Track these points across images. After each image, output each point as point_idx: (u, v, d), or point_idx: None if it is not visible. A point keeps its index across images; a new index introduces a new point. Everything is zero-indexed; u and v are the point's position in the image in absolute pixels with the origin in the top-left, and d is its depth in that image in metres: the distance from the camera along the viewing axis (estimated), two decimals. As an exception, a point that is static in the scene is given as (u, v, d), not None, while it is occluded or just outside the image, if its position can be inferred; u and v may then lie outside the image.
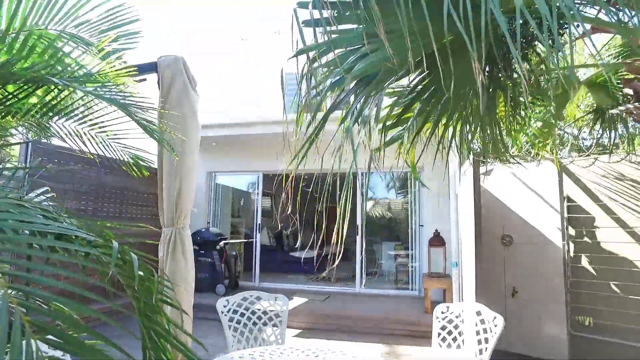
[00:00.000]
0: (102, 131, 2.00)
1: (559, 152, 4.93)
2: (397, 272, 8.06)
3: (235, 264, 7.84)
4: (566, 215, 4.49)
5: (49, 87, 1.58)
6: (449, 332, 2.99)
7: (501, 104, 2.29)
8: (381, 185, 9.54)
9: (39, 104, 1.68)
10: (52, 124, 1.83)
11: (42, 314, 0.80)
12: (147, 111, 1.67)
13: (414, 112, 2.07)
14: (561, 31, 2.10)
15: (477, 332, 2.83)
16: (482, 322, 2.85)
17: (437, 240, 6.35)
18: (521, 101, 2.34)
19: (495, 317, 2.79)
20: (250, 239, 8.65)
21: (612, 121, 3.56)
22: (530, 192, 4.83)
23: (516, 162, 4.30)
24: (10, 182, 1.90)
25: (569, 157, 4.74)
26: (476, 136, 2.39)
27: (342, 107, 2.06)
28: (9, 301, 0.69)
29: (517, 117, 2.38)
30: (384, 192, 10.03)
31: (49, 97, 1.70)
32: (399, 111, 2.15)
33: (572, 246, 4.45)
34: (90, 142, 1.99)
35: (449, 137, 2.29)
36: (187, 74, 2.65)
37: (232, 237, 8.89)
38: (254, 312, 3.12)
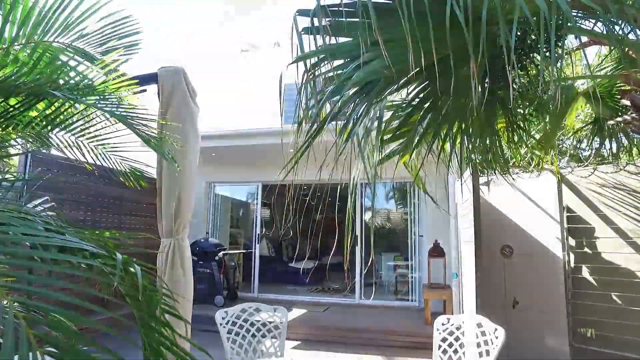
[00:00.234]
0: (101, 143, 2.00)
1: (558, 162, 4.93)
2: (396, 282, 8.02)
3: (234, 275, 7.79)
4: (566, 225, 4.48)
5: (50, 100, 1.58)
6: (450, 344, 2.96)
7: (501, 116, 2.30)
8: (380, 195, 9.53)
9: (39, 117, 1.68)
10: (52, 136, 1.84)
11: (44, 325, 0.80)
12: (147, 124, 1.68)
13: (414, 124, 2.08)
14: (559, 43, 2.12)
15: (478, 344, 2.81)
16: (483, 334, 2.83)
17: (437, 251, 6.33)
18: (520, 113, 2.35)
19: (496, 329, 2.77)
20: (249, 250, 8.61)
21: (612, 132, 3.57)
22: (529, 203, 4.83)
23: (516, 174, 4.31)
24: (9, 192, 1.90)
25: (568, 167, 4.75)
26: (476, 147, 2.39)
27: (341, 117, 2.06)
28: (14, 314, 0.70)
29: (516, 130, 2.38)
30: (384, 203, 10.01)
31: (50, 110, 1.71)
32: (399, 122, 2.15)
33: (572, 257, 4.43)
34: (89, 153, 1.99)
35: (449, 148, 2.30)
36: (187, 85, 2.66)
37: (231, 248, 8.85)
38: (253, 324, 3.09)
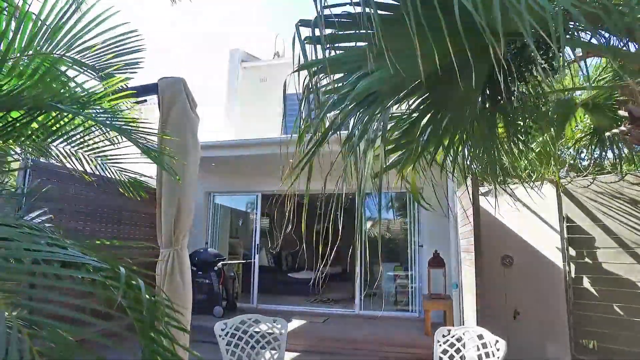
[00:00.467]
0: (100, 155, 2.01)
1: (558, 172, 4.94)
2: (396, 293, 7.96)
3: (233, 285, 7.74)
4: (566, 235, 4.47)
5: (51, 113, 1.59)
6: (451, 357, 2.93)
7: (501, 127, 2.31)
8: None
9: (40, 129, 1.69)
10: (52, 147, 1.84)
11: (44, 339, 0.79)
12: (147, 134, 1.68)
13: (415, 135, 2.09)
14: (558, 55, 2.14)
15: (480, 357, 2.78)
16: (485, 345, 2.81)
17: (437, 261, 6.30)
18: (520, 124, 2.36)
19: (497, 341, 2.75)
20: (248, 260, 8.57)
21: (612, 142, 3.59)
22: (529, 212, 4.83)
23: (516, 183, 4.31)
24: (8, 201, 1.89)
25: (567, 177, 4.75)
26: (476, 157, 2.40)
27: (343, 128, 2.07)
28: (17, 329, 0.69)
29: (516, 141, 2.39)
30: (383, 213, 9.96)
31: (51, 123, 1.71)
32: (400, 134, 2.16)
33: (572, 267, 4.42)
34: (89, 164, 1.99)
35: (450, 159, 2.30)
36: (187, 95, 2.66)
37: (230, 258, 8.80)
38: (252, 336, 3.06)
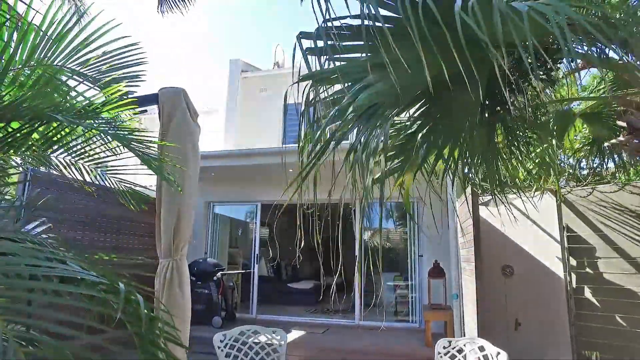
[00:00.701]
0: (100, 165, 2.01)
1: (557, 181, 4.94)
2: (396, 303, 7.90)
3: (232, 295, 7.68)
4: (566, 245, 4.46)
5: (52, 123, 1.59)
6: (452, 368, 2.90)
7: (500, 136, 2.32)
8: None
9: (40, 140, 1.69)
10: (52, 157, 1.84)
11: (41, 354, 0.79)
12: (148, 144, 1.68)
13: (414, 146, 2.09)
14: (556, 66, 2.16)
15: (481, 368, 2.76)
16: (486, 358, 2.78)
17: (437, 271, 6.27)
18: (519, 134, 2.37)
19: (499, 353, 2.73)
20: (248, 270, 8.52)
21: (611, 151, 3.60)
22: (529, 222, 4.82)
23: (515, 193, 4.30)
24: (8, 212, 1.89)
25: (566, 187, 4.75)
26: (476, 167, 2.40)
27: (344, 138, 2.07)
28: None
29: (515, 151, 2.39)
30: (383, 222, 9.91)
31: (51, 133, 1.72)
32: (400, 145, 2.17)
33: (574, 277, 4.39)
34: (89, 175, 1.99)
35: (449, 169, 2.30)
36: (188, 105, 2.67)
37: (229, 268, 8.75)
38: (252, 347, 3.04)
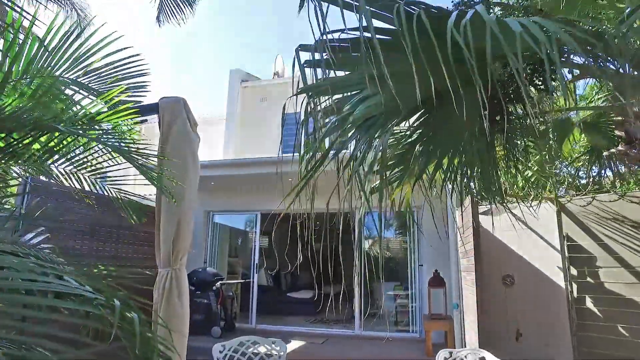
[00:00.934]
0: (99, 176, 2.01)
1: (557, 191, 4.94)
2: (397, 313, 7.85)
3: (231, 305, 7.64)
4: (567, 254, 4.45)
5: (53, 133, 1.60)
6: (453, 379, 2.88)
7: (500, 145, 2.33)
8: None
9: (41, 150, 1.70)
10: (53, 168, 1.84)
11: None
12: (147, 155, 1.69)
13: (414, 154, 2.10)
14: (553, 76, 2.17)
15: (482, 379, 2.73)
16: (487, 368, 2.76)
17: (437, 280, 6.24)
18: (518, 143, 2.38)
19: (500, 363, 2.70)
20: (247, 279, 8.48)
21: (610, 161, 3.60)
22: (529, 231, 4.81)
23: (514, 202, 4.31)
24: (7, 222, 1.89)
25: (566, 196, 4.75)
26: (476, 177, 2.40)
27: (344, 148, 2.07)
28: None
29: (514, 161, 2.40)
30: (383, 231, 9.88)
31: (52, 143, 1.72)
32: (399, 154, 2.17)
33: (574, 287, 4.37)
34: (90, 186, 1.99)
35: (448, 178, 2.31)
36: (188, 114, 2.68)
37: (229, 277, 8.71)
38: (251, 358, 3.01)
